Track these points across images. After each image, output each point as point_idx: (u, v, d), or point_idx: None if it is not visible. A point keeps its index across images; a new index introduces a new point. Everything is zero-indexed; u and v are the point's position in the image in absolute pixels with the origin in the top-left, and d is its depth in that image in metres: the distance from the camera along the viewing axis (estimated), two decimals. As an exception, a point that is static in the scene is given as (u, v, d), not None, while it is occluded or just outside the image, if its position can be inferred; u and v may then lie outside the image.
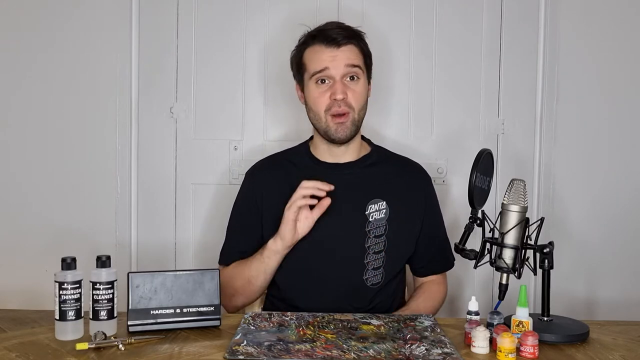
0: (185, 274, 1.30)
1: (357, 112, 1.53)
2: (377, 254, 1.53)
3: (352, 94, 1.52)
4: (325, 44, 1.52)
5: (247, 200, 1.62)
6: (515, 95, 2.04)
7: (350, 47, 1.53)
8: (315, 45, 1.54)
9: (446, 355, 1.13)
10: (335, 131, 1.52)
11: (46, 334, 1.25)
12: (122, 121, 2.00)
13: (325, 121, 1.52)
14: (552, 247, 1.31)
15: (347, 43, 1.52)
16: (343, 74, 1.51)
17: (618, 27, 2.02)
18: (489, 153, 1.41)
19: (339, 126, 1.51)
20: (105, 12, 1.98)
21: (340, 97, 1.49)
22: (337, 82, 1.51)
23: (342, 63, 1.51)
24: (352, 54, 1.53)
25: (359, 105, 1.53)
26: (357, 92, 1.53)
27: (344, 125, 1.52)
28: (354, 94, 1.52)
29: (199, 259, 2.02)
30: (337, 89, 1.50)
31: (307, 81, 1.55)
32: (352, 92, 1.52)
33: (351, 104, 1.51)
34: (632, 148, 2.04)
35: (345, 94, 1.50)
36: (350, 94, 1.51)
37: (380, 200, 1.54)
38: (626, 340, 1.28)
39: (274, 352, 1.13)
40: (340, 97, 1.49)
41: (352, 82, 1.52)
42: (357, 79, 1.53)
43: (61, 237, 1.98)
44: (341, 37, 1.52)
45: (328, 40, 1.52)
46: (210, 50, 2.01)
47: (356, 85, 1.53)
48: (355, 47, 1.54)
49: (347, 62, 1.51)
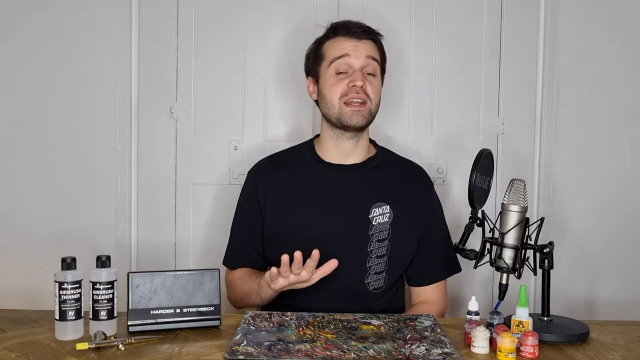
0: (185, 274, 1.30)
1: (375, 105, 1.54)
2: (380, 258, 1.52)
3: (371, 87, 1.53)
4: (347, 36, 1.54)
5: (249, 200, 1.62)
6: (515, 95, 2.04)
7: (371, 42, 1.56)
8: (336, 37, 1.55)
9: (446, 355, 1.13)
10: (350, 118, 1.51)
11: (46, 334, 1.25)
12: (122, 121, 2.00)
13: (340, 107, 1.52)
14: (552, 247, 1.32)
15: (367, 38, 1.55)
16: (363, 65, 1.52)
17: (618, 28, 2.02)
18: (489, 153, 1.41)
19: (355, 113, 1.51)
20: (105, 12, 1.98)
21: (359, 84, 1.50)
22: (357, 71, 1.52)
23: (364, 53, 1.52)
24: (373, 47, 1.56)
25: (376, 99, 1.54)
26: (375, 86, 1.54)
27: (360, 114, 1.51)
28: (372, 87, 1.53)
29: (199, 259, 2.02)
30: (357, 76, 1.51)
31: (325, 70, 1.55)
32: (371, 85, 1.53)
33: (369, 94, 1.52)
34: (632, 148, 2.04)
35: (364, 83, 1.51)
36: (369, 86, 1.52)
37: (384, 204, 1.54)
38: (626, 340, 1.28)
39: (274, 352, 1.13)
40: (359, 83, 1.50)
41: (370, 77, 1.54)
42: (374, 75, 1.55)
43: (61, 237, 1.98)
44: (362, 31, 1.55)
45: (350, 33, 1.54)
46: (210, 50, 2.01)
47: (374, 79, 1.54)
48: (374, 44, 1.57)
49: (368, 54, 1.53)
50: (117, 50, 1.98)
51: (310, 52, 1.62)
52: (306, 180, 1.58)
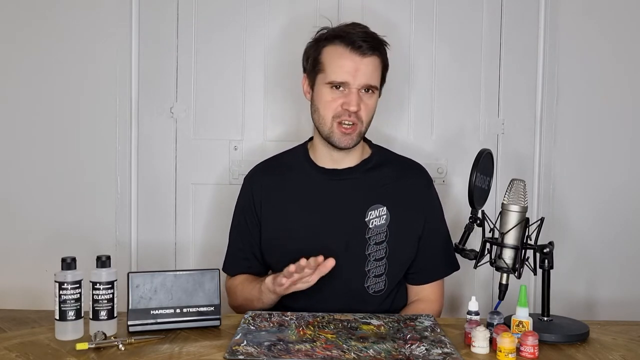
0: (185, 274, 1.30)
1: (365, 125, 1.51)
2: (379, 261, 1.51)
3: (365, 107, 1.48)
4: (350, 49, 1.46)
5: (245, 207, 1.61)
6: (515, 95, 2.04)
7: (374, 59, 1.48)
8: (338, 47, 1.48)
9: (446, 355, 1.13)
10: (339, 140, 1.49)
11: (46, 334, 1.25)
12: (122, 121, 1.99)
13: (331, 127, 1.49)
14: (552, 247, 1.32)
15: (371, 54, 1.47)
16: (361, 85, 1.47)
17: (618, 27, 2.02)
18: (489, 153, 1.41)
19: (344, 136, 1.48)
20: (105, 12, 1.98)
21: (354, 110, 1.46)
22: (354, 93, 1.46)
23: (363, 81, 1.46)
24: (375, 68, 1.49)
25: (368, 119, 1.51)
26: (369, 106, 1.50)
27: (350, 137, 1.48)
28: (365, 107, 1.49)
29: (199, 259, 2.02)
30: (352, 100, 1.46)
31: (321, 82, 1.50)
32: (365, 106, 1.48)
33: (361, 117, 1.48)
34: (632, 148, 2.03)
35: (359, 107, 1.47)
36: (363, 107, 1.48)
37: (380, 205, 1.52)
38: (626, 340, 1.28)
39: (274, 352, 1.13)
40: (354, 109, 1.46)
41: (367, 94, 1.49)
42: (372, 92, 1.50)
43: (61, 237, 1.98)
44: (367, 46, 1.46)
45: (354, 46, 1.46)
46: (210, 50, 2.01)
47: (370, 98, 1.50)
48: (378, 60, 1.49)
49: (367, 81, 1.47)
50: (117, 50, 1.98)
51: (309, 51, 1.55)
52: (301, 186, 1.57)
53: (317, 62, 1.51)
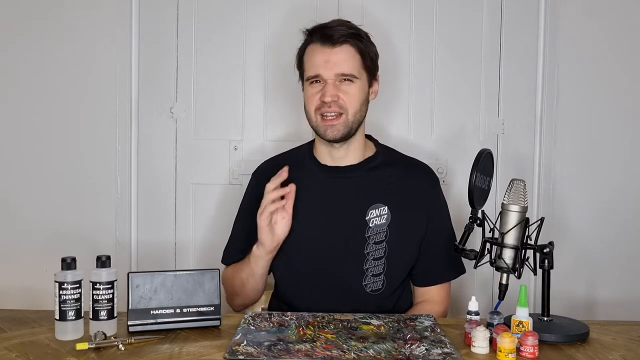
0: (185, 274, 1.30)
1: (352, 114, 1.49)
2: (377, 260, 1.51)
3: (346, 96, 1.48)
4: (320, 43, 1.49)
5: (250, 202, 1.61)
6: (515, 95, 2.04)
7: (345, 47, 1.48)
8: (312, 44, 1.51)
9: (446, 355, 1.13)
10: (325, 132, 1.50)
11: (46, 334, 1.25)
12: (122, 121, 2.00)
13: (316, 120, 1.51)
14: (552, 247, 1.31)
15: (342, 42, 1.48)
16: (336, 76, 1.48)
17: (618, 27, 2.02)
18: (489, 153, 1.41)
19: (329, 127, 1.49)
20: (105, 12, 1.98)
21: (328, 100, 1.47)
22: (329, 84, 1.47)
23: (334, 70, 1.47)
24: (348, 56, 1.48)
25: (354, 108, 1.49)
26: (351, 94, 1.49)
27: (334, 128, 1.48)
28: (347, 96, 1.48)
29: (199, 259, 2.02)
30: (326, 90, 1.47)
31: (304, 80, 1.54)
32: (345, 94, 1.48)
33: (344, 106, 1.48)
34: (632, 148, 2.04)
35: (335, 96, 1.47)
36: (344, 96, 1.48)
37: (381, 205, 1.52)
38: (626, 340, 1.28)
39: (274, 352, 1.13)
40: (328, 99, 1.46)
41: (345, 83, 1.49)
42: (351, 81, 1.49)
43: (61, 237, 1.98)
44: (338, 36, 1.47)
45: (324, 39, 1.48)
46: (210, 50, 2.01)
47: (349, 87, 1.49)
48: (351, 47, 1.49)
49: (338, 70, 1.47)
50: (117, 50, 1.98)
51: (297, 56, 1.59)
52: (303, 183, 1.57)
53: (301, 63, 1.56)
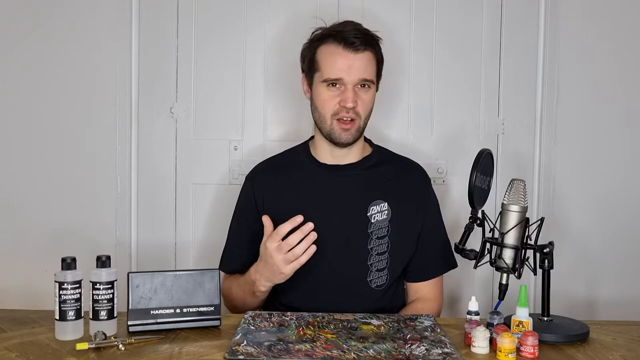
0: (185, 274, 1.30)
1: (364, 119, 1.53)
2: (381, 255, 1.52)
3: (362, 103, 1.51)
4: (342, 46, 1.49)
5: (246, 205, 1.62)
6: (515, 95, 2.04)
7: (367, 54, 1.51)
8: (331, 45, 1.51)
9: (446, 355, 1.13)
10: (340, 136, 1.51)
11: (46, 334, 1.25)
12: (122, 121, 2.00)
13: (331, 124, 1.51)
14: (552, 247, 1.32)
15: (364, 50, 1.50)
16: (356, 82, 1.50)
17: (618, 27, 2.02)
18: (489, 153, 1.41)
19: (344, 132, 1.51)
20: (105, 13, 1.98)
21: (350, 106, 1.48)
22: (349, 89, 1.49)
23: (357, 76, 1.49)
24: (368, 63, 1.51)
25: (366, 113, 1.53)
26: (366, 101, 1.52)
27: (349, 132, 1.51)
28: (362, 103, 1.51)
29: (199, 259, 2.02)
30: (348, 97, 1.48)
31: (318, 82, 1.53)
32: (362, 101, 1.51)
33: (359, 112, 1.51)
34: (632, 148, 2.03)
35: (355, 103, 1.49)
36: (360, 102, 1.50)
37: (382, 201, 1.54)
38: (626, 340, 1.28)
39: (274, 352, 1.13)
40: (350, 105, 1.48)
41: (363, 89, 1.51)
42: (369, 87, 1.52)
43: (61, 237, 1.98)
44: (359, 42, 1.49)
45: (346, 43, 1.48)
46: (210, 51, 2.01)
47: (366, 93, 1.52)
48: (371, 55, 1.52)
49: (362, 76, 1.49)
50: (117, 50, 1.98)
51: (305, 52, 1.58)
52: (303, 182, 1.58)
53: (313, 61, 1.54)
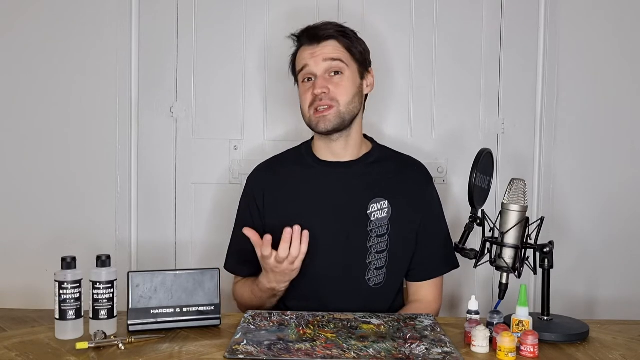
0: (186, 273, 1.30)
1: (344, 105, 1.52)
2: (380, 254, 1.52)
3: (336, 87, 1.51)
4: (307, 43, 1.55)
5: (247, 204, 1.62)
6: (515, 95, 2.04)
7: (331, 42, 1.54)
8: (301, 46, 1.58)
9: (446, 354, 1.13)
10: (317, 124, 1.52)
11: (46, 333, 1.25)
12: (122, 121, 2.00)
13: (309, 116, 1.54)
14: (552, 247, 1.32)
15: (327, 38, 1.53)
16: (324, 69, 1.52)
17: (618, 28, 2.02)
18: (489, 153, 1.41)
19: (321, 119, 1.51)
20: (105, 12, 1.98)
21: (318, 92, 1.50)
22: (319, 77, 1.52)
23: (320, 58, 1.52)
24: (333, 48, 1.53)
25: (346, 99, 1.52)
26: (342, 86, 1.52)
27: (326, 119, 1.51)
28: (337, 87, 1.52)
29: (199, 259, 2.02)
30: (316, 83, 1.52)
31: (298, 81, 1.59)
32: (336, 86, 1.52)
33: (335, 97, 1.51)
34: (632, 148, 2.03)
35: (326, 88, 1.50)
36: (333, 87, 1.51)
37: (382, 199, 1.54)
38: (626, 339, 1.28)
39: (274, 351, 1.13)
40: (318, 91, 1.50)
41: (336, 76, 1.53)
42: (341, 73, 1.53)
43: (61, 236, 1.98)
44: (323, 34, 1.53)
45: (310, 39, 1.55)
46: (210, 50, 2.01)
47: (340, 79, 1.53)
48: (337, 43, 1.54)
49: (326, 57, 1.52)
50: (117, 50, 1.98)
51: (290, 61, 1.64)
52: (303, 179, 1.59)
53: (294, 66, 1.62)
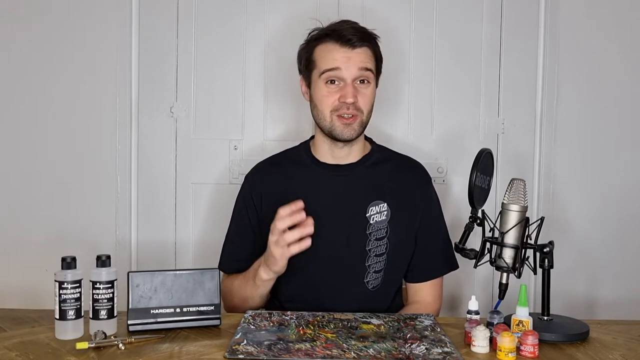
0: (185, 273, 1.30)
1: (367, 115, 1.51)
2: (379, 257, 1.52)
3: (362, 98, 1.49)
4: (339, 43, 1.48)
5: (245, 204, 1.61)
6: (515, 95, 2.04)
7: (365, 49, 1.50)
8: (328, 43, 1.49)
9: (446, 354, 1.13)
10: (342, 132, 1.49)
11: (46, 333, 1.25)
12: (122, 121, 2.00)
13: (331, 121, 1.50)
14: (552, 247, 1.32)
15: (362, 45, 1.49)
16: (355, 76, 1.48)
17: (618, 27, 2.02)
18: (488, 152, 1.41)
19: (346, 127, 1.49)
20: (105, 12, 1.98)
21: (350, 101, 1.46)
22: (349, 84, 1.47)
23: (356, 66, 1.47)
24: (366, 56, 1.50)
25: (367, 109, 1.51)
26: (367, 96, 1.50)
27: (351, 127, 1.49)
28: (363, 98, 1.49)
29: (199, 259, 2.02)
30: (348, 92, 1.47)
31: (316, 79, 1.51)
32: (362, 96, 1.49)
33: (360, 107, 1.49)
34: (632, 148, 2.04)
35: (355, 98, 1.48)
36: (360, 98, 1.49)
37: (381, 202, 1.53)
38: (626, 339, 1.28)
39: (274, 351, 1.13)
40: (350, 100, 1.46)
41: (363, 85, 1.50)
42: (368, 82, 1.51)
43: (61, 236, 1.98)
44: (356, 39, 1.48)
45: (343, 40, 1.47)
46: (210, 50, 2.01)
47: (366, 89, 1.50)
48: (369, 50, 1.51)
49: (361, 65, 1.48)
50: (117, 50, 1.98)
51: (301, 53, 1.57)
52: (302, 181, 1.57)
53: (310, 61, 1.53)
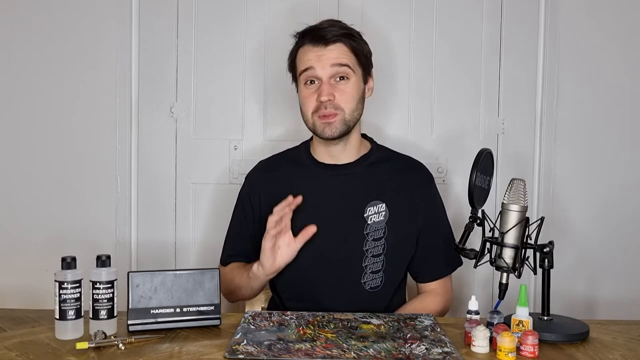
0: (185, 273, 1.30)
1: (349, 112, 1.49)
2: (376, 257, 1.51)
3: (341, 95, 1.48)
4: (312, 43, 1.49)
5: (244, 202, 1.62)
6: (515, 95, 2.04)
7: (339, 45, 1.48)
8: (305, 45, 1.51)
9: (446, 354, 1.13)
10: (322, 131, 1.49)
11: (46, 333, 1.25)
12: (122, 121, 2.00)
13: (313, 122, 1.50)
14: (552, 247, 1.31)
15: (335, 41, 1.48)
16: (330, 74, 1.47)
17: (618, 27, 2.02)
18: (488, 152, 1.41)
19: (326, 126, 1.48)
20: (105, 12, 1.98)
21: (325, 99, 1.46)
22: (324, 82, 1.47)
23: (328, 63, 1.47)
24: (340, 52, 1.48)
25: (350, 106, 1.49)
26: (347, 93, 1.48)
27: (331, 125, 1.48)
28: (342, 95, 1.48)
29: (199, 259, 2.02)
30: (322, 90, 1.47)
31: (299, 82, 1.53)
32: (341, 93, 1.48)
33: (339, 105, 1.48)
34: (632, 148, 2.04)
35: (332, 95, 1.47)
36: (339, 95, 1.47)
37: (379, 202, 1.52)
38: (626, 339, 1.28)
39: (274, 351, 1.13)
40: (325, 98, 1.46)
41: (342, 82, 1.48)
42: (347, 79, 1.49)
43: (61, 236, 1.98)
44: (330, 35, 1.47)
45: (316, 39, 1.48)
46: (211, 50, 2.01)
47: (346, 85, 1.49)
48: (344, 46, 1.49)
49: (334, 62, 1.47)
50: (117, 50, 1.99)
51: (289, 58, 1.58)
52: (301, 181, 1.57)
53: (293, 65, 1.56)
